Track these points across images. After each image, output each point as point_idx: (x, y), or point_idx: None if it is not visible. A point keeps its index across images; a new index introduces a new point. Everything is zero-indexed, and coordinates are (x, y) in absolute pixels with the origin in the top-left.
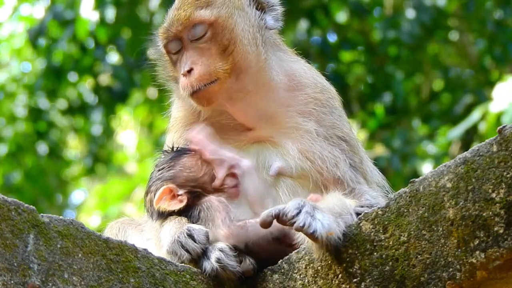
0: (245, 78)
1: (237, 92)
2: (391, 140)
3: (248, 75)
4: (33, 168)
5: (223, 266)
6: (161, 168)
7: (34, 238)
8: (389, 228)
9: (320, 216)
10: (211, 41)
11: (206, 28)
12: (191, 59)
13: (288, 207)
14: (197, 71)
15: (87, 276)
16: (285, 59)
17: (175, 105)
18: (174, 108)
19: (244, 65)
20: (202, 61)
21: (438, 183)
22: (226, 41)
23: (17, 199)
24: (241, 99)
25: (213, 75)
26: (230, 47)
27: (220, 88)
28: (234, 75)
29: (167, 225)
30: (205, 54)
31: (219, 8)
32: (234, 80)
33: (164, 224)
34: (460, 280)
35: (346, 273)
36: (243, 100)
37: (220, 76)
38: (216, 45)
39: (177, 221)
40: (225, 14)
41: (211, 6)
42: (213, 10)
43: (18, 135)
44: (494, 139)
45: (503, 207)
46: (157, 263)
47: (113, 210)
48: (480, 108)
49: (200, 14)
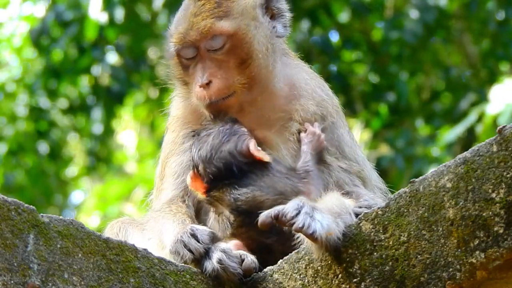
0: (256, 89)
1: (248, 103)
2: (395, 140)
3: (259, 86)
4: (33, 168)
5: (224, 267)
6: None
7: (34, 238)
8: (389, 228)
9: (319, 216)
10: (228, 53)
11: (225, 40)
12: (209, 71)
13: (287, 208)
14: (216, 84)
15: (87, 276)
16: (289, 65)
17: (174, 103)
18: (174, 107)
19: (258, 77)
20: (220, 74)
21: (438, 183)
22: (244, 55)
23: (17, 199)
24: (249, 109)
25: (231, 89)
26: (248, 61)
27: (236, 101)
28: (248, 87)
29: (170, 225)
30: (223, 67)
31: (238, 20)
32: (247, 92)
33: (166, 223)
34: (460, 280)
35: (346, 273)
36: (251, 109)
37: (237, 90)
38: (234, 57)
39: (181, 222)
40: (244, 26)
41: (230, 16)
42: (232, 21)
43: (19, 135)
44: (494, 139)
45: (503, 207)
46: (157, 263)
47: (112, 210)
48: (476, 110)
49: (220, 25)
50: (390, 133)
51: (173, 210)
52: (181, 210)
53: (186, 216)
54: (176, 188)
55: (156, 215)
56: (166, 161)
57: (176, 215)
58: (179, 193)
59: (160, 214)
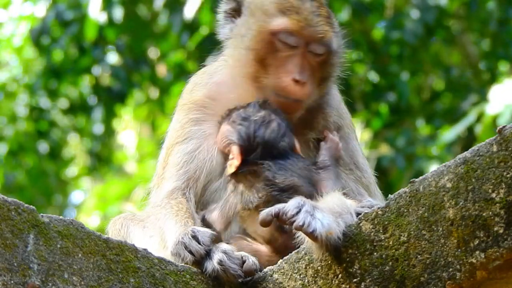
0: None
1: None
2: (395, 139)
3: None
4: (33, 168)
5: (224, 268)
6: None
7: (34, 238)
8: (389, 228)
9: (320, 215)
10: (320, 65)
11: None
12: (307, 72)
13: (288, 206)
14: (308, 87)
15: (87, 276)
16: None
17: (194, 85)
18: (192, 89)
19: (323, 97)
20: (311, 80)
21: (438, 183)
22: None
23: (17, 199)
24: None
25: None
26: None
27: (301, 109)
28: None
29: (172, 225)
30: (314, 75)
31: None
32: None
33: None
34: (460, 280)
35: (346, 273)
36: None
37: (308, 102)
38: (321, 71)
39: (183, 223)
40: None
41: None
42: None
43: (19, 135)
44: (494, 139)
45: (503, 207)
46: (157, 263)
47: (112, 210)
48: (475, 109)
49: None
50: (391, 133)
51: (174, 207)
52: (182, 208)
53: (188, 215)
54: (178, 179)
55: (157, 212)
56: (172, 148)
57: (178, 214)
58: (180, 185)
59: (161, 211)
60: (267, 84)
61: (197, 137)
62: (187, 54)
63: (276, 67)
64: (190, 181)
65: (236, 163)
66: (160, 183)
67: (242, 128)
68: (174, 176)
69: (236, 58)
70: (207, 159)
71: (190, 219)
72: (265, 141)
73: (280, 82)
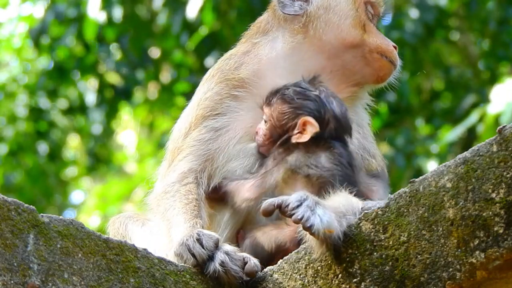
0: None
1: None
2: (395, 138)
3: None
4: (33, 168)
5: (226, 270)
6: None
7: (34, 238)
8: (389, 228)
9: (320, 211)
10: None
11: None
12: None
13: (290, 198)
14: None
15: (87, 276)
16: None
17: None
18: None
19: None
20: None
21: (438, 183)
22: None
23: (17, 199)
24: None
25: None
26: None
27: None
28: None
29: (179, 223)
30: None
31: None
32: None
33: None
34: (460, 280)
35: (346, 273)
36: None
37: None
38: None
39: (192, 225)
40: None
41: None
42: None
43: (19, 135)
44: (494, 139)
45: (503, 207)
46: (157, 263)
47: (112, 210)
48: (477, 110)
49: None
50: (390, 133)
51: (183, 198)
52: (191, 200)
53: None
54: (197, 159)
55: (165, 201)
56: (200, 120)
57: (186, 209)
58: (197, 167)
59: (169, 201)
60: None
61: (230, 115)
62: (186, 54)
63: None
64: (208, 162)
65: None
66: (175, 159)
67: (308, 102)
68: (193, 155)
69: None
70: (231, 140)
71: (198, 218)
72: (336, 114)
73: (385, 45)
